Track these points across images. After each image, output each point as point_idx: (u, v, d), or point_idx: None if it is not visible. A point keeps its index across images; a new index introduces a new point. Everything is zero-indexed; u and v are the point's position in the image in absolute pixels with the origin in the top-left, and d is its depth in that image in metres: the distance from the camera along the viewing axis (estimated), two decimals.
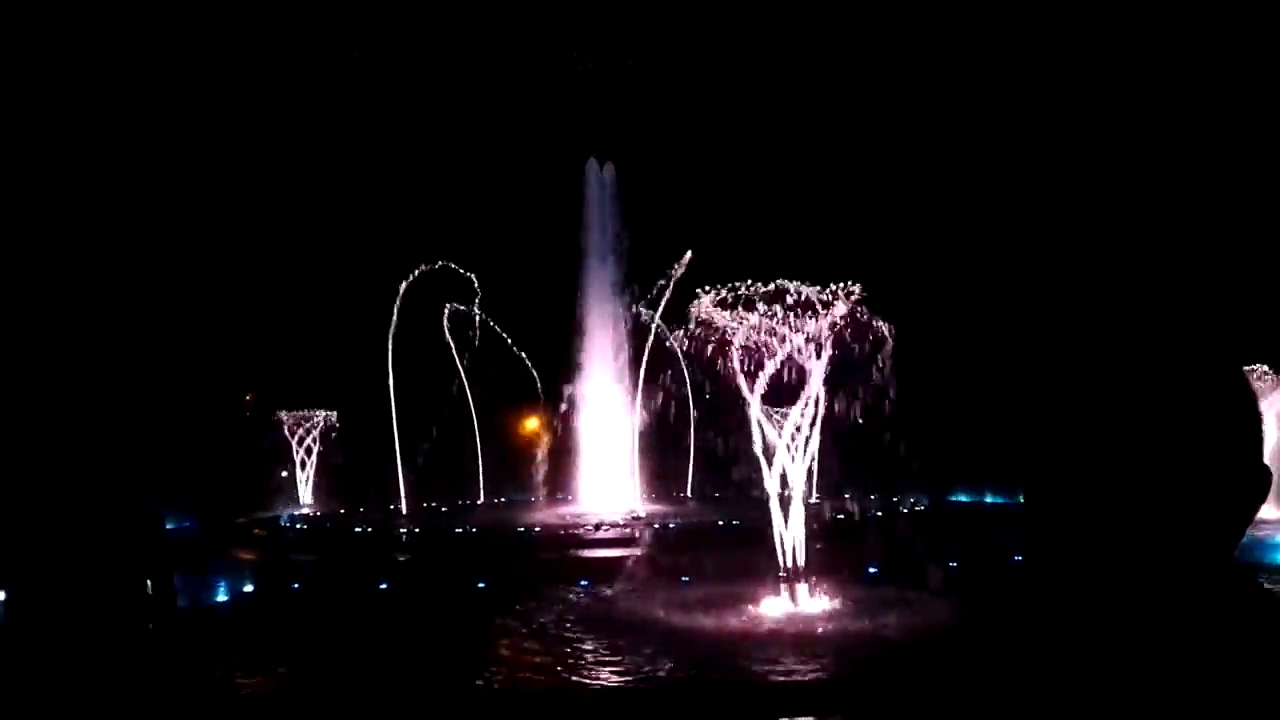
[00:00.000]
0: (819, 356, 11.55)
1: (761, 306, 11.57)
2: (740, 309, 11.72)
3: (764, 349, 11.50)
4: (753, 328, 11.50)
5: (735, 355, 11.57)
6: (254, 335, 32.27)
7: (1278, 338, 22.83)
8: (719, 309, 11.82)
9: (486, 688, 8.77)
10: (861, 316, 11.86)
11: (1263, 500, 1.17)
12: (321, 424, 30.11)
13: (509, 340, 29.92)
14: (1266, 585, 1.21)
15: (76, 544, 4.40)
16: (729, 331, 11.65)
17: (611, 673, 8.98)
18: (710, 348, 12.04)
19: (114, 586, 4.40)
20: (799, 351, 11.46)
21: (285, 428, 29.96)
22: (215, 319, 31.46)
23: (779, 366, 11.50)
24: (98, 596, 4.35)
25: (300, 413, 30.19)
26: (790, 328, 11.46)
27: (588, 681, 8.75)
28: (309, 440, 30.03)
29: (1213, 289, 27.33)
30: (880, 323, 12.14)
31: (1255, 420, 1.20)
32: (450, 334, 29.63)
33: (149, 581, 4.50)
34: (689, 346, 12.57)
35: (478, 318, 29.28)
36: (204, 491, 23.90)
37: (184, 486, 21.92)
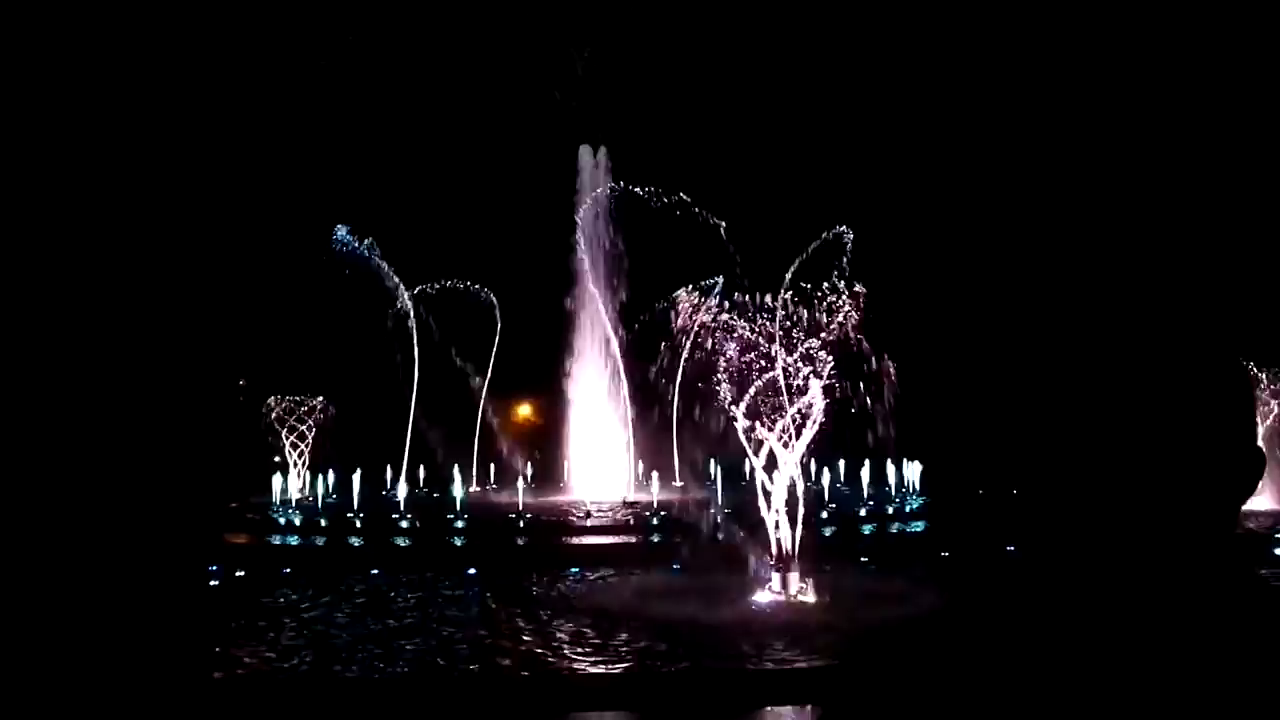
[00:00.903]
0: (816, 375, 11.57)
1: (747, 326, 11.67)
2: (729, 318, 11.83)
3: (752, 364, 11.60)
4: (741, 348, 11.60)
5: (723, 376, 11.63)
6: (247, 320, 32.11)
7: (1277, 336, 22.94)
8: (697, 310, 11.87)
9: (476, 673, 8.79)
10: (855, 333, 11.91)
11: (1257, 480, 1.19)
12: (315, 410, 30.03)
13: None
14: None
15: (74, 530, 4.39)
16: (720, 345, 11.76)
17: (602, 659, 9.00)
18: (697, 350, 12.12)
19: (111, 570, 4.40)
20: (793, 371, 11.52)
21: (277, 413, 29.89)
22: (207, 303, 31.31)
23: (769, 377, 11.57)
24: (94, 580, 4.34)
25: (293, 398, 30.11)
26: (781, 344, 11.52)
27: (579, 668, 8.77)
28: (302, 428, 29.97)
29: (1210, 279, 27.36)
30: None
31: (1249, 405, 1.21)
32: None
33: (145, 565, 4.50)
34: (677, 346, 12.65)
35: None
36: (196, 476, 23.78)
37: (179, 471, 21.86)
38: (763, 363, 11.54)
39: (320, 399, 30.30)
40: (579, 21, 34.65)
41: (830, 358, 11.51)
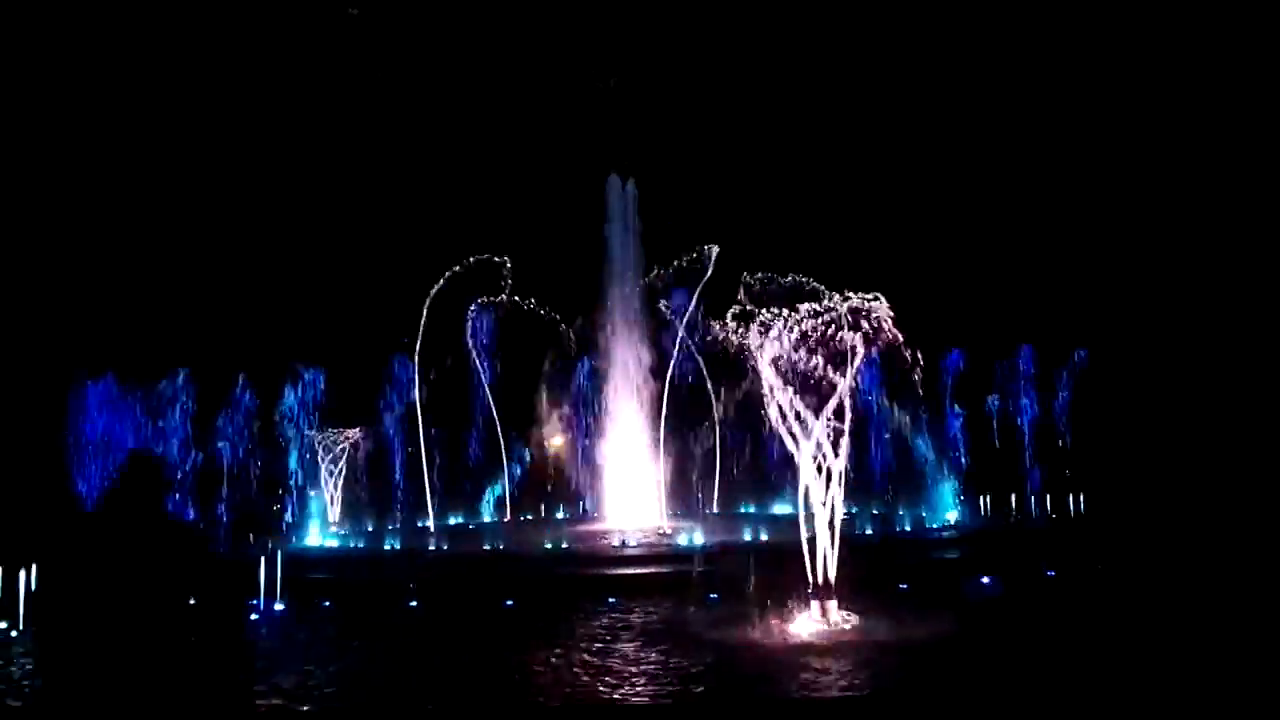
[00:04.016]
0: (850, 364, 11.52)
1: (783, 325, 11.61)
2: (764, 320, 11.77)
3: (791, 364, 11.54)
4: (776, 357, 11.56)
5: (765, 366, 11.57)
6: (281, 351, 32.34)
7: None
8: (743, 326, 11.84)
9: (514, 705, 8.77)
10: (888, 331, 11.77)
11: None
12: (349, 443, 30.20)
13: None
14: None
15: (114, 563, 4.46)
16: (755, 349, 11.71)
17: (640, 690, 8.95)
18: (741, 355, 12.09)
19: (154, 603, 4.46)
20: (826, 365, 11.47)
21: (315, 445, 30.07)
22: (241, 336, 31.54)
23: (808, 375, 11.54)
24: (136, 614, 4.40)
25: (328, 432, 30.30)
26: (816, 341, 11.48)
27: (617, 699, 8.73)
28: (337, 453, 30.15)
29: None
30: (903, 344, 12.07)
31: None
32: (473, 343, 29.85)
33: (192, 599, 4.56)
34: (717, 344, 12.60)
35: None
36: (234, 511, 24.11)
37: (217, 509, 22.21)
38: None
39: (358, 430, 30.48)
40: (605, 50, 34.89)
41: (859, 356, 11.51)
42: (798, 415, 11.55)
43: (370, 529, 26.52)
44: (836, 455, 11.58)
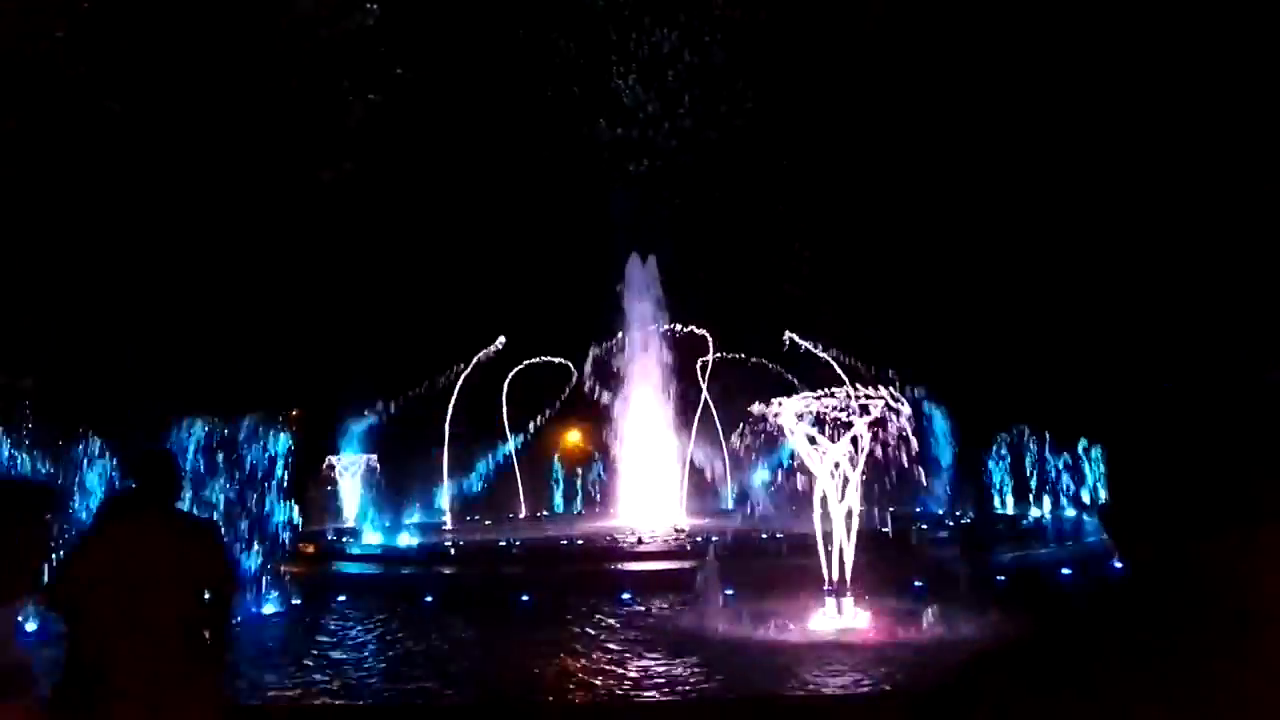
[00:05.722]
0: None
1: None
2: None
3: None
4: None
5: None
6: (301, 353, 32.38)
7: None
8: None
9: (531, 703, 8.78)
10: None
11: None
12: (365, 467, 30.38)
13: None
14: None
15: (129, 556, 4.48)
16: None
17: (656, 688, 8.95)
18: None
19: (170, 596, 4.48)
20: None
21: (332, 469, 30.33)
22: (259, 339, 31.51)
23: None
24: (152, 606, 4.42)
25: (346, 456, 30.54)
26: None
27: (633, 697, 8.74)
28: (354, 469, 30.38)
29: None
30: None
31: None
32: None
33: (205, 593, 4.59)
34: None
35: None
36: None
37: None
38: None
39: (370, 456, 30.69)
40: (623, 52, 34.68)
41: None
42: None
43: (386, 524, 26.67)
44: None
